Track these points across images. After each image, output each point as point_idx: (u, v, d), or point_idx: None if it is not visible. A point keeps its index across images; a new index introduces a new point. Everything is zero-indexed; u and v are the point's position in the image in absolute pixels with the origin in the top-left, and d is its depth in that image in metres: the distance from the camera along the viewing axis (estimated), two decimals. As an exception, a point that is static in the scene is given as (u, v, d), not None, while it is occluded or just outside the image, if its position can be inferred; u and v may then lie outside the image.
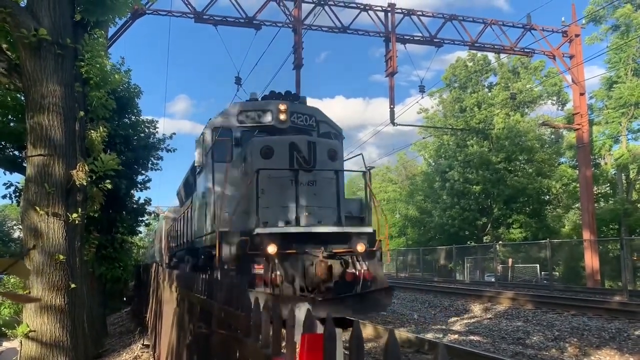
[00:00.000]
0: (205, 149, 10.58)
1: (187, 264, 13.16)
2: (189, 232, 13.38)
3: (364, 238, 8.99)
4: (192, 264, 12.39)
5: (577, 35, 27.21)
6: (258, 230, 8.37)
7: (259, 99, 11.43)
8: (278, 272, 8.14)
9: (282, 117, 10.41)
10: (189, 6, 22.00)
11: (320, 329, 1.33)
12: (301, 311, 1.58)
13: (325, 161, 9.60)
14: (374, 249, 9.14)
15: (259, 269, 8.20)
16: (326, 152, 9.69)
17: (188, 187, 15.02)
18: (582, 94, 27.58)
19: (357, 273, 8.55)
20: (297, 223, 8.89)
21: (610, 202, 35.41)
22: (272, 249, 8.09)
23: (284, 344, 1.61)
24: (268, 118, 10.51)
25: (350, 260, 8.71)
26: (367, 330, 10.88)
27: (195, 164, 11.27)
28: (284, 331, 1.60)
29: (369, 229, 9.44)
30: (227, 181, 9.21)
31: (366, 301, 8.59)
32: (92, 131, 6.55)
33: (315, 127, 10.98)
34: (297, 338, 1.49)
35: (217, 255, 8.57)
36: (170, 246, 19.05)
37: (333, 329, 1.14)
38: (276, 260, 8.21)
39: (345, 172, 10.84)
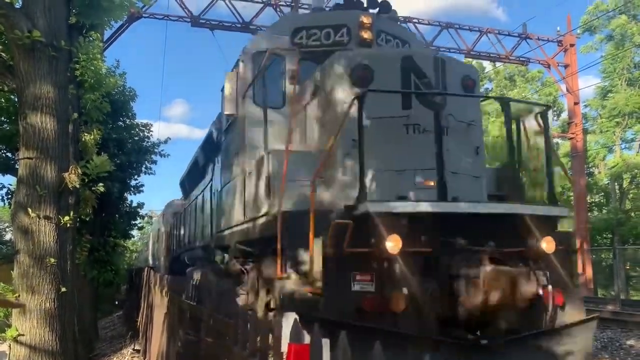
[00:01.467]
0: (243, 88, 7.01)
1: (203, 270, 9.00)
2: (206, 225, 9.77)
3: (548, 228, 4.83)
4: (216, 271, 8.24)
5: (572, 45, 27.41)
6: (370, 207, 4.27)
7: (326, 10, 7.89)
8: (404, 289, 4.24)
9: (365, 34, 6.76)
10: (186, 10, 22.00)
11: (307, 338, 1.29)
12: (288, 320, 1.55)
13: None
14: (570, 248, 5.22)
15: (364, 281, 4.30)
16: (460, 79, 5.77)
17: (198, 169, 11.51)
18: (576, 103, 27.77)
19: (543, 292, 4.62)
20: (443, 197, 4.65)
21: (604, 211, 35.53)
22: (394, 244, 4.15)
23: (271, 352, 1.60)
24: (342, 37, 6.88)
25: (527, 270, 4.58)
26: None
27: (225, 113, 7.44)
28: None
29: (564, 211, 5.20)
30: (292, 129, 5.63)
31: (559, 344, 4.55)
32: (86, 134, 6.52)
33: None
34: (284, 348, 1.45)
35: (278, 255, 4.85)
36: (170, 247, 16.08)
37: (319, 340, 1.12)
38: (400, 266, 4.26)
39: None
